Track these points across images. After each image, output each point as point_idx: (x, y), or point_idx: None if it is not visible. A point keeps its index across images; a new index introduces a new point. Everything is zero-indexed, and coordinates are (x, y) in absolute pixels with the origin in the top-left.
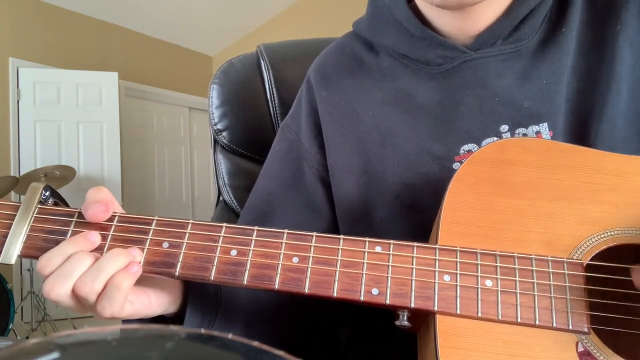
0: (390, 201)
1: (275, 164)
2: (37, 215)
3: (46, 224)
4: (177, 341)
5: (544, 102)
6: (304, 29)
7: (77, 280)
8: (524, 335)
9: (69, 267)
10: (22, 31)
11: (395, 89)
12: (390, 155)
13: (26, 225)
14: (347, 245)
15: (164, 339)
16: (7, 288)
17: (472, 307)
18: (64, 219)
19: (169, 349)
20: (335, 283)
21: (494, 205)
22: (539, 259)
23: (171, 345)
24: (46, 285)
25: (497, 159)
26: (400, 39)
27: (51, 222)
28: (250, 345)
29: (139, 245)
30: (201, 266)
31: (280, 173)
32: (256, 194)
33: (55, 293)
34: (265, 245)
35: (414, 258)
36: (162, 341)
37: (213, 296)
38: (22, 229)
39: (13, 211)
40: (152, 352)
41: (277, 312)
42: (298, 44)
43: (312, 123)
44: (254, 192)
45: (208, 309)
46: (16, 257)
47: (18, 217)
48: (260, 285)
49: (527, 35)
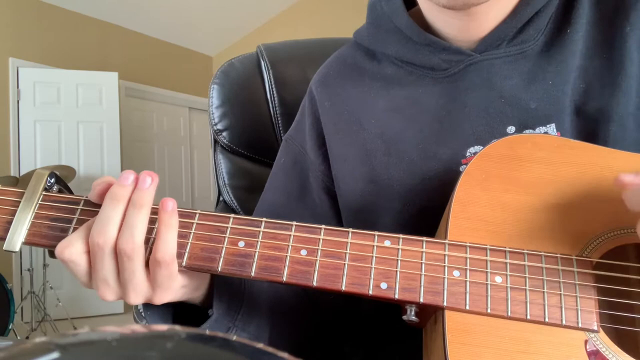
0: (397, 208)
1: (281, 176)
2: (42, 202)
3: (51, 211)
4: (177, 341)
5: (550, 103)
6: (304, 29)
7: (119, 237)
8: (533, 332)
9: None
10: (22, 31)
11: (400, 96)
12: (395, 162)
13: (31, 212)
14: (356, 238)
15: (164, 339)
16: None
17: (481, 304)
18: (69, 207)
19: (169, 349)
20: (344, 277)
21: (503, 201)
22: (549, 256)
23: (171, 345)
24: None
25: (507, 154)
26: (402, 46)
27: (56, 209)
28: (253, 346)
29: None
30: (208, 257)
31: (286, 185)
32: (263, 207)
33: (99, 240)
34: (274, 237)
35: (424, 253)
36: (162, 341)
37: (237, 284)
38: (26, 216)
39: (18, 198)
40: (152, 352)
41: (295, 305)
42: (298, 44)
43: (315, 134)
44: (260, 204)
45: (233, 297)
46: (20, 244)
47: (22, 204)
48: (268, 277)
49: (532, 36)
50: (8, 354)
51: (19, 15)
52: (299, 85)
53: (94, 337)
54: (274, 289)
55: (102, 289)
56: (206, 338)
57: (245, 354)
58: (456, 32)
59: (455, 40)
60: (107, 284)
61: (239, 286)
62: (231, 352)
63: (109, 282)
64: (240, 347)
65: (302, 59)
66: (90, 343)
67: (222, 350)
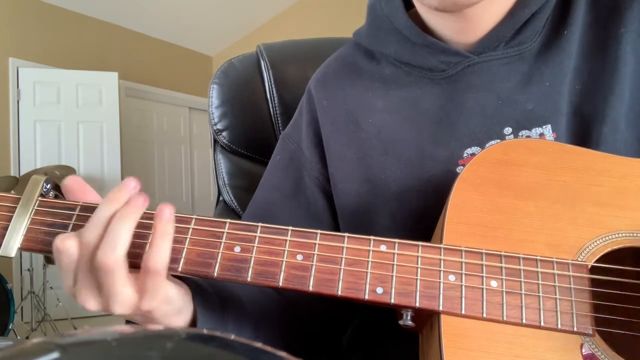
0: (394, 209)
1: (276, 174)
2: (38, 208)
3: (47, 217)
4: (177, 341)
5: (547, 104)
6: (304, 29)
7: (98, 249)
8: (528, 337)
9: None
10: (22, 31)
11: (398, 97)
12: (392, 162)
13: (27, 218)
14: (352, 243)
15: (164, 339)
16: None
17: (477, 308)
18: (65, 212)
19: (169, 349)
20: (340, 281)
21: (499, 205)
22: (544, 260)
23: (171, 345)
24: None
25: (502, 159)
26: (401, 47)
27: (52, 215)
28: (252, 345)
29: (143, 240)
30: (204, 262)
31: (281, 183)
32: (256, 204)
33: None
34: (270, 242)
35: (419, 257)
36: (162, 341)
37: (219, 311)
38: (22, 222)
39: (14, 204)
40: (152, 352)
41: (281, 314)
42: (298, 44)
43: (312, 133)
44: (254, 201)
45: (217, 310)
46: (16, 250)
47: (19, 209)
48: (264, 283)
49: (529, 38)
50: (8, 354)
51: (19, 15)
52: (299, 85)
53: (94, 337)
54: (260, 305)
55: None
56: (206, 338)
57: (245, 353)
58: (453, 34)
59: (453, 42)
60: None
61: (221, 314)
62: (231, 352)
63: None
64: (240, 347)
65: (302, 59)
66: (90, 343)
67: (222, 350)
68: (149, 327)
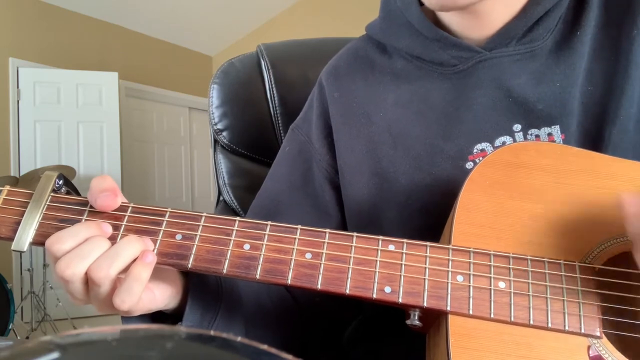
0: (401, 203)
1: (284, 165)
2: (50, 203)
3: (59, 212)
4: (177, 341)
5: (556, 105)
6: (304, 29)
7: (93, 263)
8: (535, 338)
9: (87, 248)
10: (22, 31)
11: (409, 91)
12: (401, 156)
13: (39, 213)
14: (360, 242)
15: (164, 339)
16: (7, 288)
17: (484, 308)
18: (77, 208)
19: (169, 349)
20: (348, 280)
21: (507, 208)
22: (552, 262)
23: (171, 345)
24: (61, 262)
25: (511, 162)
26: (413, 41)
27: (64, 210)
28: (255, 346)
29: (152, 237)
30: (214, 259)
31: (289, 174)
32: (264, 194)
33: (70, 272)
34: (279, 240)
35: (427, 257)
36: (162, 341)
37: (214, 293)
38: (35, 217)
39: (26, 199)
40: (152, 352)
41: (280, 315)
42: (298, 44)
43: (322, 124)
44: (262, 192)
45: (209, 306)
46: (28, 245)
47: (31, 205)
48: (272, 280)
49: (541, 36)
50: (8, 354)
51: (19, 15)
52: (299, 85)
53: (94, 337)
54: (255, 297)
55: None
56: (206, 338)
57: (246, 354)
58: (464, 30)
59: (464, 37)
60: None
61: (216, 295)
62: (231, 352)
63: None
64: (241, 347)
65: (302, 59)
66: (90, 343)
67: (223, 350)
68: (149, 327)
